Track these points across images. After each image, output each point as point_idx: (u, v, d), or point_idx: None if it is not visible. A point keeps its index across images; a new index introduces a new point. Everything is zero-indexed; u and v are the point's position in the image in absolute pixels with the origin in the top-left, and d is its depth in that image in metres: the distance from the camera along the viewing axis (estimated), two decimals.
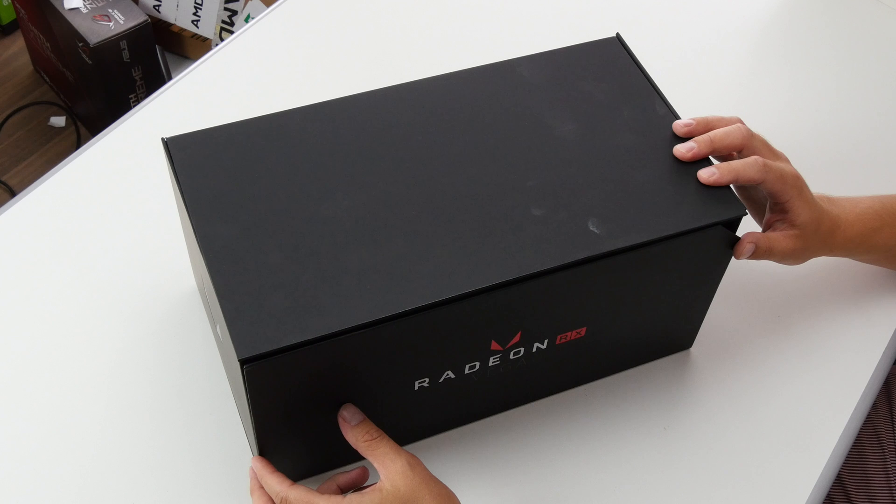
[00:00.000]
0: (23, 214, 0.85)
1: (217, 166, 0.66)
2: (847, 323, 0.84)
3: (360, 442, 0.63)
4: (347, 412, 0.64)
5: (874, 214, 0.79)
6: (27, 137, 1.88)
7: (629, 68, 0.75)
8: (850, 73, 1.06)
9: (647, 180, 0.68)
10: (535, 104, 0.72)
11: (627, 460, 0.75)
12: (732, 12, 1.12)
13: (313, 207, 0.65)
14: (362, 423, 0.64)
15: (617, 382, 0.79)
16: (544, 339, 0.70)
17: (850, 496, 0.88)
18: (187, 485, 0.71)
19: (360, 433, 0.64)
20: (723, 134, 0.70)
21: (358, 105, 0.71)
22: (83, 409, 0.74)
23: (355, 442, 0.64)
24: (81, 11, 1.66)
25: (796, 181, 0.72)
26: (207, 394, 0.76)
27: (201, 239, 0.62)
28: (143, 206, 0.86)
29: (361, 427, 0.64)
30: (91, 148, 0.91)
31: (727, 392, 0.79)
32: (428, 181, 0.67)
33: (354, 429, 0.64)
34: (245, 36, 1.03)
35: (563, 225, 0.65)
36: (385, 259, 0.62)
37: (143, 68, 1.72)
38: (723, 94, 1.02)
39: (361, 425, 0.64)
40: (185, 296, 0.81)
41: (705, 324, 0.80)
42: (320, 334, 0.59)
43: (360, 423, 0.64)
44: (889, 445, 0.88)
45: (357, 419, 0.64)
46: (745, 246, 0.70)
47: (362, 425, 0.64)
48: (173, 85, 0.97)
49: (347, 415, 0.64)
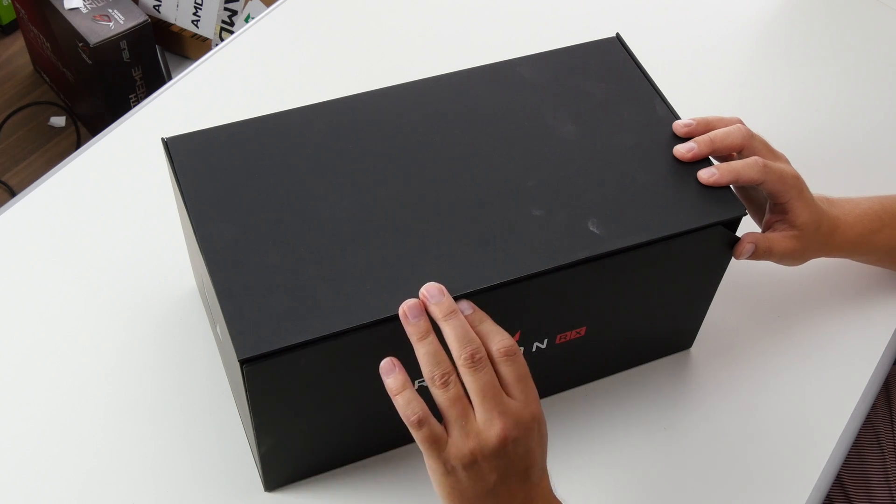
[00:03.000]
0: (23, 214, 0.85)
1: (217, 166, 0.66)
2: (847, 323, 0.84)
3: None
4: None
5: (874, 215, 0.79)
6: (27, 137, 1.88)
7: (629, 68, 0.75)
8: (850, 73, 1.06)
9: (647, 180, 0.68)
10: (535, 104, 0.72)
11: (627, 460, 0.75)
12: (732, 12, 1.12)
13: (313, 207, 0.65)
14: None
15: (617, 382, 0.79)
16: (544, 339, 0.70)
17: (849, 496, 0.88)
18: (187, 485, 0.71)
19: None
20: (723, 134, 0.70)
21: (358, 105, 0.71)
22: (83, 409, 0.74)
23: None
24: (81, 11, 1.66)
25: (796, 182, 0.72)
26: (207, 394, 0.75)
27: (201, 239, 0.62)
28: (143, 206, 0.86)
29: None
30: (91, 148, 0.91)
31: (727, 392, 0.79)
32: (428, 181, 0.67)
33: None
34: (245, 36, 1.03)
35: (563, 225, 0.65)
36: (385, 259, 0.62)
37: (143, 68, 1.72)
38: (723, 94, 1.02)
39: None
40: (185, 296, 0.81)
41: (705, 324, 0.80)
42: (320, 334, 0.59)
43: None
44: (888, 446, 0.88)
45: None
46: (745, 246, 0.70)
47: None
48: (173, 85, 0.97)
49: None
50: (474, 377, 0.56)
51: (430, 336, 0.57)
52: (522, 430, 0.57)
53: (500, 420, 0.56)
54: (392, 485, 0.72)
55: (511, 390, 0.57)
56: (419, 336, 0.57)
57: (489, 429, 0.56)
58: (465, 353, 0.56)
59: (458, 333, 0.57)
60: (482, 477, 0.57)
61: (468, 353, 0.56)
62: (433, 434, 0.56)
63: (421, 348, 0.57)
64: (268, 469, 0.69)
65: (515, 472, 0.57)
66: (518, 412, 0.57)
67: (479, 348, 0.56)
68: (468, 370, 0.56)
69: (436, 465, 0.57)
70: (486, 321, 0.59)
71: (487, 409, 0.56)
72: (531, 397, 0.58)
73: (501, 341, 0.57)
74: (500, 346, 0.57)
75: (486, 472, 0.56)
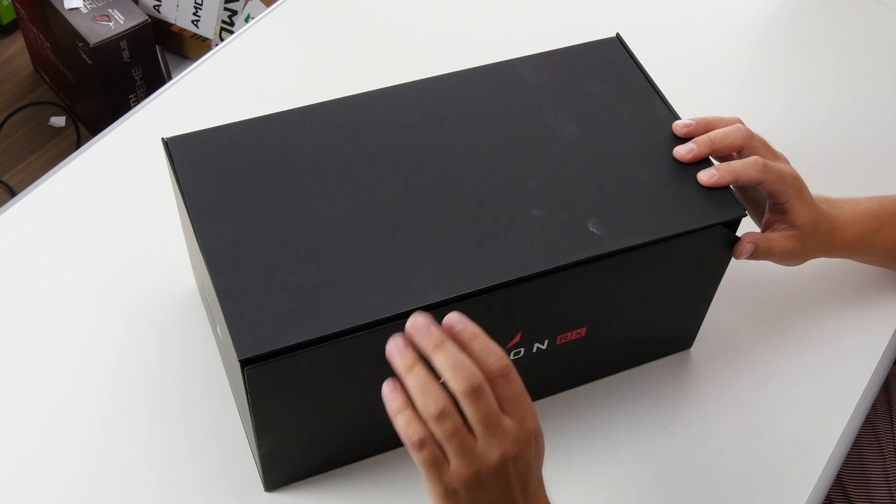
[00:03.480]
0: (23, 214, 0.85)
1: (217, 166, 0.66)
2: (847, 323, 0.84)
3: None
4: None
5: (873, 216, 0.79)
6: (27, 137, 1.88)
7: (629, 68, 0.75)
8: (850, 73, 1.06)
9: (647, 180, 0.68)
10: (536, 104, 0.72)
11: (627, 460, 0.75)
12: (732, 12, 1.12)
13: (313, 207, 0.65)
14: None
15: (617, 382, 0.79)
16: (544, 340, 0.70)
17: (849, 496, 0.88)
18: (187, 485, 0.71)
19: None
20: (723, 134, 0.70)
21: (358, 105, 0.71)
22: (83, 409, 0.74)
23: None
24: (81, 11, 1.66)
25: (796, 182, 0.72)
26: (207, 394, 0.75)
27: (201, 239, 0.62)
28: (143, 206, 0.86)
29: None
30: (91, 148, 0.91)
31: (727, 392, 0.79)
32: (428, 181, 0.67)
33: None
34: (245, 36, 1.03)
35: (563, 225, 0.65)
36: (385, 259, 0.62)
37: (143, 68, 1.72)
38: (723, 94, 1.02)
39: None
40: (185, 296, 0.81)
41: (705, 324, 0.80)
42: (320, 335, 0.59)
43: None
44: (888, 446, 0.88)
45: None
46: (745, 246, 0.70)
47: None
48: (173, 85, 0.97)
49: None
50: (475, 407, 0.54)
51: (417, 366, 0.54)
52: (521, 447, 0.56)
53: (500, 443, 0.54)
54: (392, 485, 0.72)
55: (508, 408, 0.55)
56: (405, 368, 0.54)
57: (490, 452, 0.54)
58: (464, 384, 0.53)
59: (451, 363, 0.54)
60: (483, 496, 0.56)
61: (468, 385, 0.53)
62: (434, 457, 0.54)
63: (410, 380, 0.54)
64: (268, 469, 0.69)
65: (515, 488, 0.57)
66: (517, 431, 0.55)
67: (476, 377, 0.53)
68: (469, 401, 0.54)
69: (436, 488, 0.55)
70: (479, 337, 0.55)
71: (489, 436, 0.54)
72: (527, 414, 0.56)
73: (497, 361, 0.55)
74: (496, 366, 0.55)
75: (488, 490, 0.55)
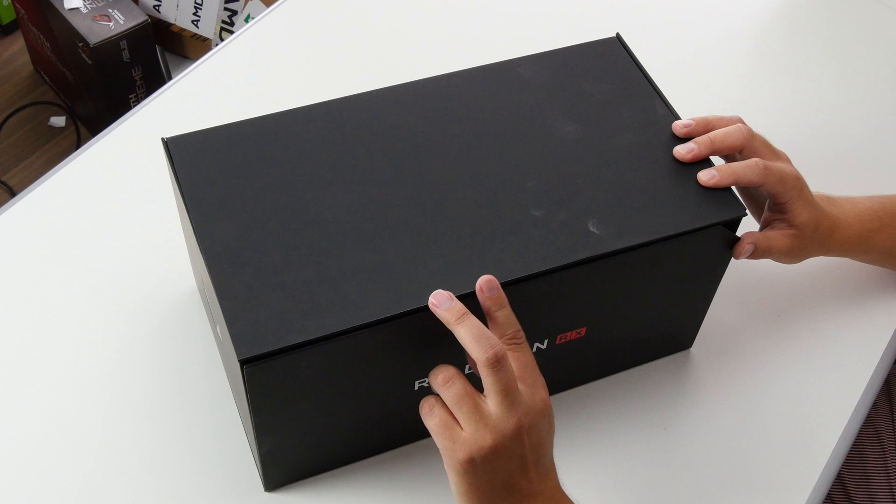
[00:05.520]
0: (23, 214, 0.85)
1: (217, 166, 0.66)
2: (847, 323, 0.84)
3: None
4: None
5: (873, 215, 0.79)
6: (27, 137, 1.88)
7: (629, 68, 0.75)
8: (850, 73, 1.06)
9: (647, 180, 0.68)
10: (535, 104, 0.72)
11: (627, 460, 0.75)
12: (732, 12, 1.12)
13: (313, 207, 0.65)
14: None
15: (617, 382, 0.79)
16: (544, 340, 0.70)
17: (850, 496, 0.88)
18: (187, 485, 0.71)
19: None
20: (723, 134, 0.70)
21: (358, 105, 0.71)
22: (83, 409, 0.74)
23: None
24: (81, 11, 1.66)
25: (797, 182, 0.72)
26: (207, 394, 0.75)
27: (201, 239, 0.62)
28: (143, 206, 0.86)
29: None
30: (91, 148, 0.91)
31: (727, 392, 0.79)
32: (428, 181, 0.67)
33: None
34: (245, 36, 1.03)
35: (563, 225, 0.65)
36: (385, 259, 0.62)
37: (143, 68, 1.72)
38: (723, 94, 1.02)
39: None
40: (185, 296, 0.81)
41: (705, 324, 0.80)
42: (320, 335, 0.59)
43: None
44: (889, 445, 0.88)
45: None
46: (745, 246, 0.70)
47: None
48: (173, 85, 0.97)
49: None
50: (497, 377, 0.56)
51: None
52: (535, 417, 0.58)
53: (516, 411, 0.57)
54: (392, 485, 0.72)
55: (521, 377, 0.58)
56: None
57: (508, 420, 0.57)
58: (487, 354, 0.56)
59: (473, 334, 0.57)
60: (500, 467, 0.57)
61: (491, 355, 0.56)
62: (445, 422, 0.58)
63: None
64: (268, 469, 0.69)
65: (529, 461, 0.58)
66: (530, 400, 0.58)
67: (500, 347, 0.56)
68: (491, 370, 0.56)
69: (453, 458, 0.57)
70: (506, 307, 0.59)
71: (507, 404, 0.57)
72: (539, 382, 0.59)
73: (516, 333, 0.59)
74: (512, 334, 0.59)
75: (504, 460, 0.57)
